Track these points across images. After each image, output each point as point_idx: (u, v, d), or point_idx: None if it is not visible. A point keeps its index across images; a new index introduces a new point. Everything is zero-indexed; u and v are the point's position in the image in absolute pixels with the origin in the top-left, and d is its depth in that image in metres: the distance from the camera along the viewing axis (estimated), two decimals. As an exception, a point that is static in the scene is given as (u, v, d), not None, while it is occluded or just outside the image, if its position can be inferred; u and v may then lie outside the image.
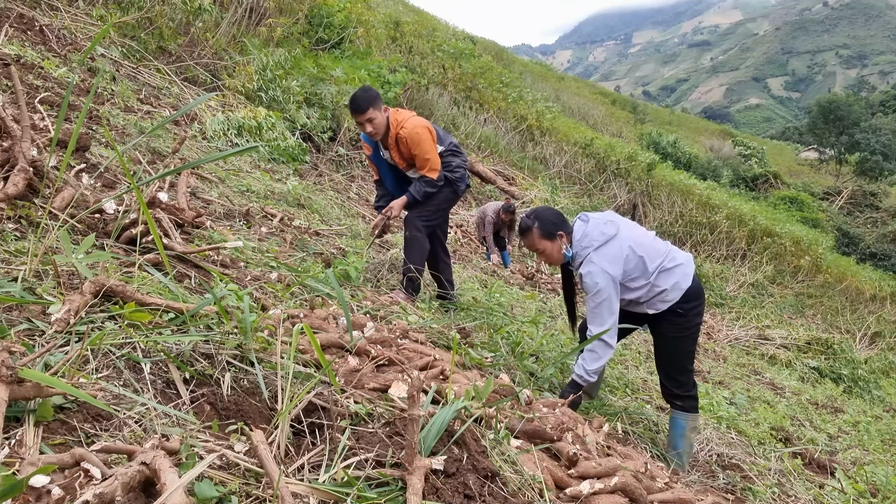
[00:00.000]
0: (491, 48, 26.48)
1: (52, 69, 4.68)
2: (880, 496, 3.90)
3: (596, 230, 3.20)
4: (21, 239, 2.31)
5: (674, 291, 3.18)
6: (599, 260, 3.13)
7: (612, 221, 3.24)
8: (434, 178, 4.04)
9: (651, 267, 3.15)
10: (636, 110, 42.47)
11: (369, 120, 3.89)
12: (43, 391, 1.44)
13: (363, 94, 3.89)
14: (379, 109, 3.91)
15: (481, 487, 1.78)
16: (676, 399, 3.37)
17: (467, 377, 2.71)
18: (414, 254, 4.09)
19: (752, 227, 16.21)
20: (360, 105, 3.86)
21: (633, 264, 3.15)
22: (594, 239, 3.18)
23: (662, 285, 3.18)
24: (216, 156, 2.99)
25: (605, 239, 3.16)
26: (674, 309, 3.20)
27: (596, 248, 3.16)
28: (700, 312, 3.27)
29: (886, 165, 36.53)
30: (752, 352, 9.40)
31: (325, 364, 1.83)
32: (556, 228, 3.25)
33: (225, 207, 4.26)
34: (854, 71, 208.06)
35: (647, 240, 3.24)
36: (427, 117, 12.29)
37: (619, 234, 3.17)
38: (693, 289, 3.21)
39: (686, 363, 3.34)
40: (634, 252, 3.15)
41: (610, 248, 3.15)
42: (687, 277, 3.20)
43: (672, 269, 3.19)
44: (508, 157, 13.82)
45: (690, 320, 3.23)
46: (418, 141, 3.94)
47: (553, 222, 3.26)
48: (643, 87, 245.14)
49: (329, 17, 10.28)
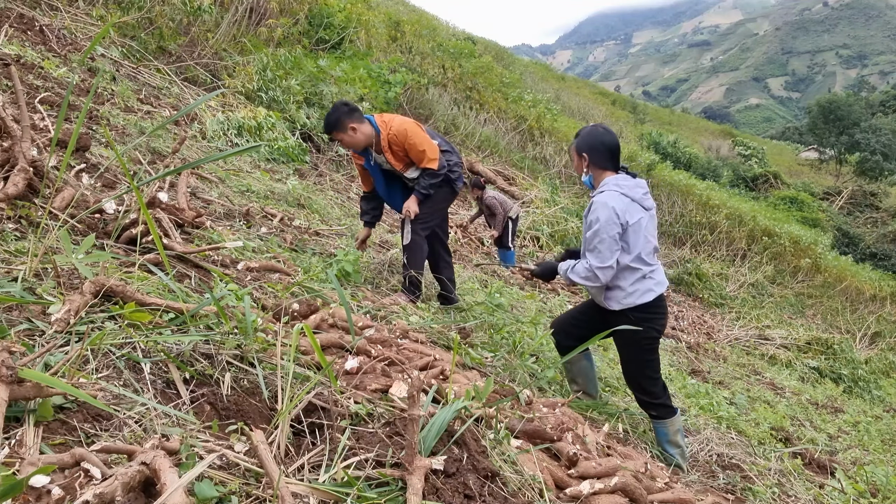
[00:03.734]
0: (491, 48, 26.47)
1: (52, 69, 4.68)
2: (880, 496, 3.89)
3: (633, 185, 3.16)
4: (21, 239, 2.31)
5: (629, 297, 3.16)
6: (615, 199, 3.07)
7: (648, 197, 3.20)
8: (436, 168, 4.01)
9: (636, 254, 3.12)
10: (636, 110, 42.48)
11: (339, 140, 4.00)
12: (43, 391, 1.44)
13: (327, 118, 3.96)
14: (344, 131, 3.90)
15: (481, 487, 1.78)
16: (648, 408, 3.37)
17: (467, 377, 2.71)
18: (413, 256, 4.08)
19: (752, 227, 16.21)
20: (325, 128, 4.00)
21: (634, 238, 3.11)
22: (626, 188, 3.12)
23: (623, 285, 3.16)
24: (216, 156, 3.00)
25: (634, 197, 3.12)
26: (627, 314, 3.17)
27: (622, 192, 3.10)
28: (655, 328, 3.23)
29: (886, 165, 36.53)
30: (752, 352, 9.40)
31: (324, 364, 1.83)
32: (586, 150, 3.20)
33: (225, 207, 4.26)
34: (854, 71, 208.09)
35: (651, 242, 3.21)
36: (427, 117, 12.30)
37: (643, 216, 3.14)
38: (651, 306, 3.18)
39: (647, 371, 3.31)
40: (641, 231, 3.12)
41: (632, 205, 3.11)
42: (649, 294, 3.17)
43: (641, 278, 3.16)
44: (508, 157, 13.82)
45: (645, 331, 3.18)
46: (408, 134, 3.94)
47: (590, 145, 3.20)
48: (643, 87, 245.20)
49: (329, 17, 10.28)
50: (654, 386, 3.31)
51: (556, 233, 10.60)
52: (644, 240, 3.14)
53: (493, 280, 6.48)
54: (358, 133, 3.93)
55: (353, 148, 4.04)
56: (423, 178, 4.05)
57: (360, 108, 4.07)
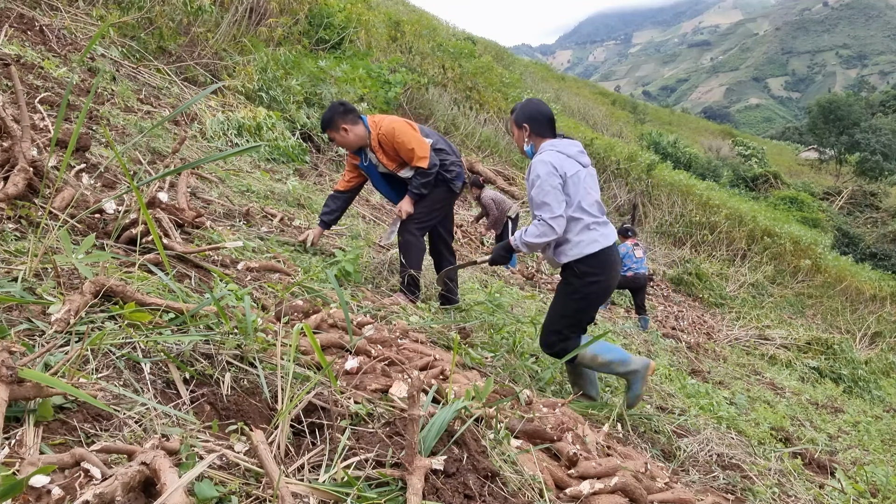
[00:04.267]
0: (491, 48, 26.49)
1: (52, 69, 4.68)
2: (880, 496, 3.89)
3: (568, 144, 3.33)
4: (21, 239, 2.31)
5: (576, 248, 3.24)
6: (552, 156, 3.23)
7: (584, 154, 3.35)
8: (426, 167, 4.02)
9: (579, 204, 3.22)
10: (636, 110, 42.50)
11: (332, 139, 4.11)
12: (43, 391, 1.44)
13: (323, 116, 4.07)
14: (336, 130, 3.99)
15: (481, 487, 1.78)
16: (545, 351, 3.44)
17: (467, 377, 2.71)
18: (411, 257, 4.07)
19: (752, 227, 16.23)
20: (321, 126, 4.12)
21: (573, 189, 3.23)
22: (560, 147, 3.30)
23: (569, 236, 3.25)
24: (216, 156, 2.99)
25: (570, 154, 3.28)
26: (571, 266, 3.27)
27: (558, 150, 3.27)
28: (596, 283, 3.27)
29: (886, 165, 36.55)
30: (752, 352, 9.41)
31: (324, 364, 1.83)
32: (525, 120, 3.38)
33: (225, 207, 4.27)
34: (854, 71, 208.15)
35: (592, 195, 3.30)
36: (427, 117, 12.30)
37: (580, 170, 3.28)
38: (598, 256, 3.24)
39: (561, 324, 3.33)
40: (580, 183, 3.24)
41: (568, 160, 3.25)
42: (595, 245, 3.24)
43: (585, 228, 3.24)
44: (508, 157, 13.82)
45: (585, 285, 3.26)
46: (395, 133, 3.97)
47: (529, 115, 3.38)
48: (643, 87, 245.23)
49: (329, 17, 10.28)
50: (558, 340, 3.33)
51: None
52: (584, 191, 3.26)
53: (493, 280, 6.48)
54: (350, 134, 4.00)
55: (346, 147, 4.15)
56: (415, 177, 4.07)
57: (356, 110, 4.10)
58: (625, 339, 6.34)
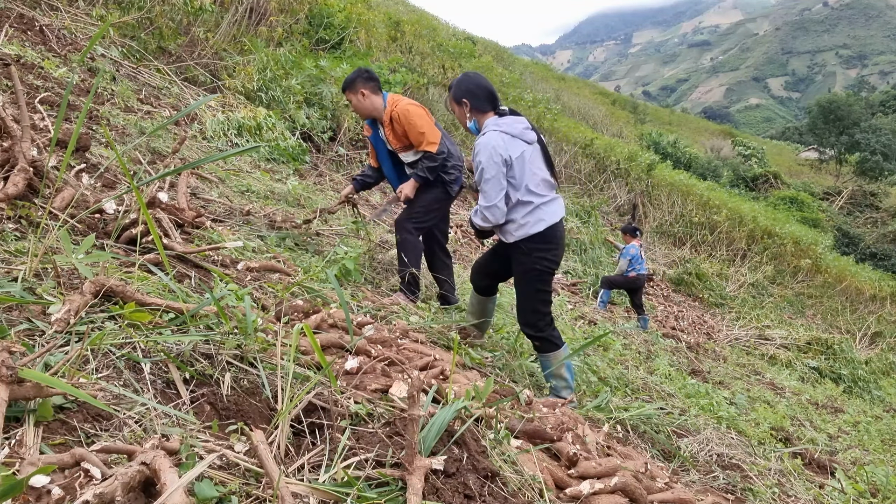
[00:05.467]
0: (491, 48, 26.48)
1: (52, 69, 4.68)
2: (880, 496, 3.89)
3: (512, 122, 3.27)
4: (21, 239, 2.31)
5: (521, 229, 3.28)
6: (495, 138, 3.18)
7: (529, 130, 3.30)
8: (434, 152, 4.05)
9: (525, 186, 3.24)
10: (636, 110, 42.49)
11: (348, 102, 4.14)
12: (43, 391, 1.44)
13: (347, 77, 4.13)
14: (354, 93, 4.05)
15: (481, 487, 1.78)
16: (533, 339, 3.48)
17: (467, 377, 2.71)
18: (408, 256, 4.08)
19: (752, 228, 16.22)
20: (342, 87, 4.15)
21: (518, 171, 3.22)
22: (504, 125, 3.24)
23: (516, 217, 3.27)
24: (216, 156, 3.00)
25: (514, 133, 3.24)
26: (518, 245, 3.31)
27: (501, 130, 3.22)
28: (545, 258, 3.32)
29: (886, 165, 36.53)
30: (752, 352, 9.41)
31: (324, 364, 1.83)
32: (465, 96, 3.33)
33: (225, 207, 4.26)
34: (854, 71, 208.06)
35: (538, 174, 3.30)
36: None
37: (525, 149, 3.26)
38: (544, 234, 3.28)
39: (536, 304, 3.40)
40: (525, 164, 3.24)
41: (513, 140, 3.22)
42: (541, 224, 3.27)
43: (532, 209, 3.27)
44: (508, 157, 13.79)
45: (534, 261, 3.31)
46: (409, 114, 4.01)
47: (468, 90, 3.33)
48: (643, 87, 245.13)
49: (329, 17, 10.28)
50: (540, 319, 3.41)
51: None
52: (530, 172, 3.27)
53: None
54: (366, 100, 4.06)
55: (359, 112, 4.18)
56: (422, 160, 4.09)
57: (379, 80, 4.16)
58: (625, 339, 6.33)
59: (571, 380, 3.52)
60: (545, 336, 3.41)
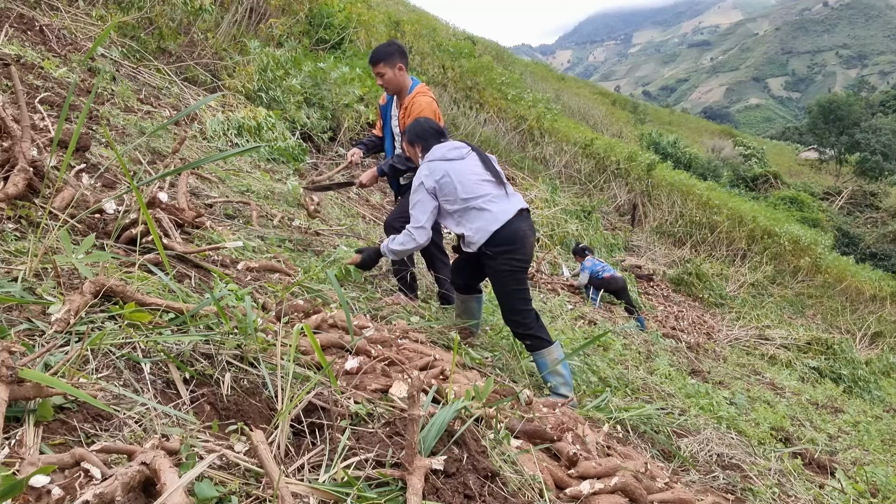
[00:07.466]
0: (491, 48, 26.46)
1: (52, 69, 4.68)
2: (880, 496, 3.89)
3: (443, 149, 3.50)
4: (21, 239, 2.31)
5: (478, 234, 3.37)
6: (424, 168, 3.46)
7: (457, 148, 3.52)
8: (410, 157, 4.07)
9: (461, 197, 3.38)
10: (636, 110, 42.50)
11: (379, 74, 4.10)
12: (43, 391, 1.44)
13: (380, 49, 4.12)
14: (392, 66, 4.04)
15: (481, 487, 1.78)
16: (523, 339, 3.55)
17: (467, 377, 2.71)
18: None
19: (752, 227, 16.22)
20: (373, 57, 4.10)
21: (449, 189, 3.39)
22: (439, 154, 3.48)
23: (468, 227, 3.39)
24: (216, 156, 3.00)
25: (440, 157, 3.46)
26: (483, 251, 3.40)
27: (429, 160, 3.47)
28: (513, 258, 3.39)
29: (886, 165, 36.54)
30: (752, 352, 9.40)
31: (324, 364, 1.83)
32: (416, 139, 3.61)
33: (233, 208, 4.26)
34: (854, 71, 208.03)
35: (473, 178, 3.42)
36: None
37: (452, 163, 3.43)
38: (502, 234, 3.35)
39: (516, 303, 3.47)
40: (452, 179, 3.39)
41: (436, 165, 3.43)
42: (495, 223, 3.35)
43: (481, 212, 3.37)
44: (508, 157, 13.81)
45: (501, 263, 3.39)
46: (423, 111, 4.01)
47: (418, 134, 3.61)
48: (643, 87, 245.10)
49: (329, 17, 10.28)
50: (525, 317, 3.47)
51: (555, 234, 10.57)
52: (465, 179, 3.41)
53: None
54: (401, 75, 4.08)
55: (387, 85, 4.14)
56: (396, 155, 4.12)
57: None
58: (625, 340, 6.33)
59: (569, 376, 3.55)
60: (532, 333, 3.48)
